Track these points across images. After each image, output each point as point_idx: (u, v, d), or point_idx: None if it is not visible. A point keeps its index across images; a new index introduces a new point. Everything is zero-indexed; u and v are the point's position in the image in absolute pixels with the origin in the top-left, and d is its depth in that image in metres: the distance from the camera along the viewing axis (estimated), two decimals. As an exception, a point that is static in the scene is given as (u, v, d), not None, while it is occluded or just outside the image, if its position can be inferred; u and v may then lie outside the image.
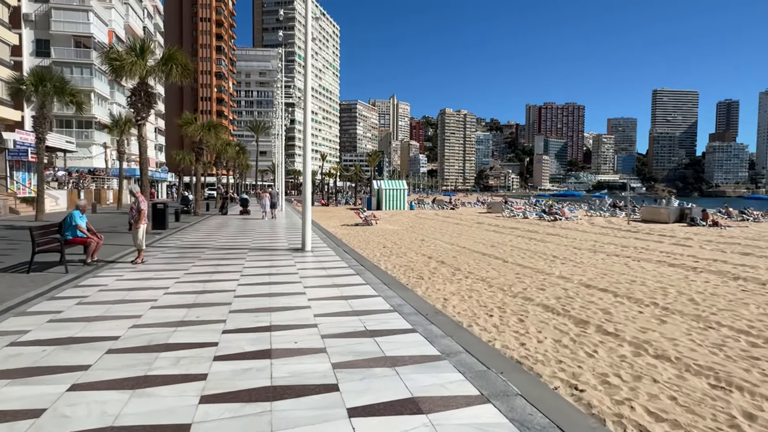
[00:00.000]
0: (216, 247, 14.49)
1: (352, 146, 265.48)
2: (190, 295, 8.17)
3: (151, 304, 7.56)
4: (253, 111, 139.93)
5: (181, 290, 8.52)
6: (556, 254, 16.47)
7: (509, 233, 24.15)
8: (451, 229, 27.06)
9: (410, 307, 7.70)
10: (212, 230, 20.75)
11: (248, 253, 13.05)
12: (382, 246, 18.94)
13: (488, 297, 10.10)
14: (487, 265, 14.34)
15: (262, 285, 9.12)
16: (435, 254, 16.46)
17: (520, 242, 20.22)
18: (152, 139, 77.96)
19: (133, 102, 16.66)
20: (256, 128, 79.11)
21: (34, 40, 52.33)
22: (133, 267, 10.47)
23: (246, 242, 16.07)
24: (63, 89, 20.85)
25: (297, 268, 10.80)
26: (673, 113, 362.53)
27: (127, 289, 8.62)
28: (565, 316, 8.48)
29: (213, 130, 29.27)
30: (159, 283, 9.12)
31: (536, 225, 29.29)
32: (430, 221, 34.01)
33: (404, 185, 53.90)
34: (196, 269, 10.61)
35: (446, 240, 21.08)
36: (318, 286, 9.25)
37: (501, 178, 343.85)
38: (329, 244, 15.51)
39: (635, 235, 23.03)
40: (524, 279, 12.05)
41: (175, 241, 16.02)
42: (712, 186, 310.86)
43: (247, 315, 6.96)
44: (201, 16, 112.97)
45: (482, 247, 18.46)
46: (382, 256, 16.09)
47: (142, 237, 10.86)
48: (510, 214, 37.27)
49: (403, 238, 21.63)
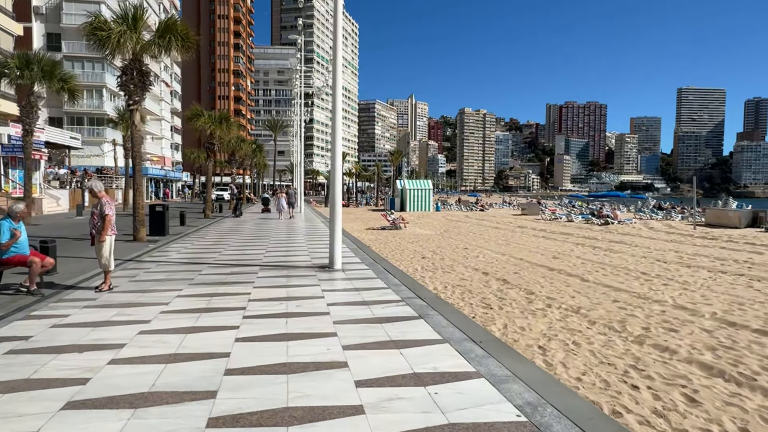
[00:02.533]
0: (219, 262, 11.44)
1: (370, 146, 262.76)
2: (151, 365, 4.75)
3: (74, 393, 4.14)
4: (271, 110, 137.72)
5: (140, 353, 5.08)
6: (643, 270, 13.18)
7: (564, 240, 20.84)
8: (492, 234, 23.83)
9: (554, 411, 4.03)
10: (220, 236, 17.80)
11: (259, 273, 9.98)
12: (420, 256, 15.85)
13: (602, 344, 6.96)
14: (564, 285, 11.16)
15: (274, 342, 5.51)
16: (489, 268, 13.32)
17: (586, 252, 16.92)
18: (168, 138, 76.04)
19: (124, 83, 13.79)
20: (274, 127, 76.56)
21: (45, 33, 50.40)
22: (93, 298, 7.45)
23: (258, 254, 13.02)
24: (52, 73, 18.18)
25: (326, 303, 7.39)
26: (699, 112, 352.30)
27: (55, 349, 5.20)
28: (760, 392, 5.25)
29: (225, 123, 26.44)
30: (114, 333, 5.76)
31: (587, 230, 25.86)
32: (464, 224, 30.79)
33: (429, 185, 50.69)
34: (180, 303, 7.31)
35: (493, 248, 17.89)
36: (365, 344, 5.53)
37: (521, 179, 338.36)
38: (361, 257, 12.39)
39: (716, 242, 19.55)
40: (631, 310, 8.88)
41: (172, 253, 13.06)
42: (740, 186, 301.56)
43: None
44: (219, 13, 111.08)
45: (543, 259, 15.24)
46: (425, 270, 13.01)
47: (108, 254, 7.73)
48: (551, 216, 33.79)
49: (442, 246, 18.49)
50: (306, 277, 9.39)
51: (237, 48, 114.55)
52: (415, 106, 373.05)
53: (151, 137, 67.57)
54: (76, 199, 29.44)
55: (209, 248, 14.26)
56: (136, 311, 6.75)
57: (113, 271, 8.12)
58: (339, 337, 5.53)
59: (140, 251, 13.08)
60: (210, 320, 6.27)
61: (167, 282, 8.82)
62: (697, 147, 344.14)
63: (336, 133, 10.50)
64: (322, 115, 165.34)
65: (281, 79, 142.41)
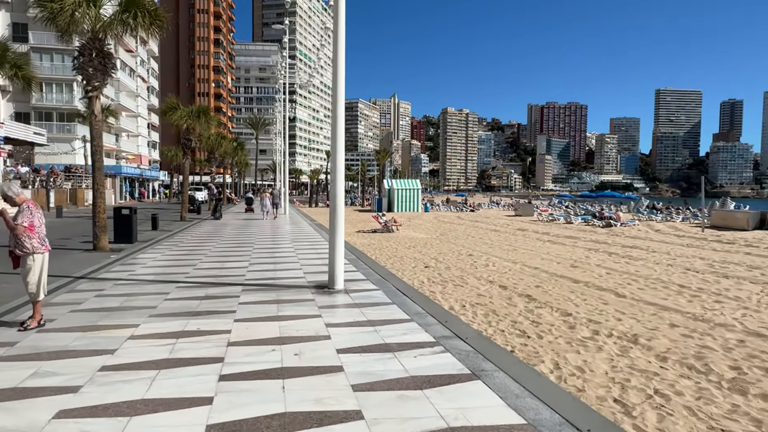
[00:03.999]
0: (192, 280, 9.44)
1: (353, 145, 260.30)
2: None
3: None
4: (252, 108, 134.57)
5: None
6: (680, 282, 11.60)
7: (572, 245, 19.28)
8: (493, 237, 22.19)
9: None
10: (197, 243, 15.70)
11: (241, 296, 7.87)
12: (422, 264, 14.12)
13: (695, 395, 5.34)
14: (600, 302, 9.54)
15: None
16: (506, 281, 11.64)
17: (604, 260, 15.34)
18: (145, 135, 73.02)
19: (82, 65, 11.58)
20: (256, 125, 74.10)
21: (11, 23, 47.33)
22: (11, 341, 5.38)
23: (240, 268, 11.03)
24: (3, 58, 15.89)
25: (335, 348, 5.31)
26: (677, 113, 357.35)
27: None
28: None
29: (203, 118, 24.23)
30: (15, 417, 3.68)
31: (591, 232, 24.37)
32: (458, 226, 29.14)
33: (418, 185, 49.02)
34: (132, 350, 5.18)
35: (500, 255, 16.22)
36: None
37: (503, 178, 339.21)
38: (364, 272, 10.47)
39: (734, 246, 18.17)
40: (699, 338, 7.29)
41: (137, 266, 10.98)
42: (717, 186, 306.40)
43: None
44: (198, 8, 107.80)
45: (561, 268, 13.62)
46: (433, 283, 11.27)
47: (37, 280, 5.70)
48: (549, 218, 32.31)
49: (443, 252, 16.75)
50: (302, 304, 7.42)
51: (217, 44, 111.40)
52: (398, 106, 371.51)
53: (126, 135, 64.59)
54: (40, 200, 26.99)
55: (182, 259, 12.19)
56: (63, 367, 4.70)
57: (43, 300, 6.00)
58: (367, 422, 3.62)
59: (98, 264, 10.97)
60: (170, 385, 4.30)
61: (121, 313, 6.79)
62: (674, 147, 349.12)
63: (338, 129, 8.65)
64: (304, 113, 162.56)
65: (263, 77, 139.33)
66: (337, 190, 8.29)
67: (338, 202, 8.28)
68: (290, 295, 8.03)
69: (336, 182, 8.31)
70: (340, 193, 8.32)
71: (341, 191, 8.31)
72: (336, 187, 8.31)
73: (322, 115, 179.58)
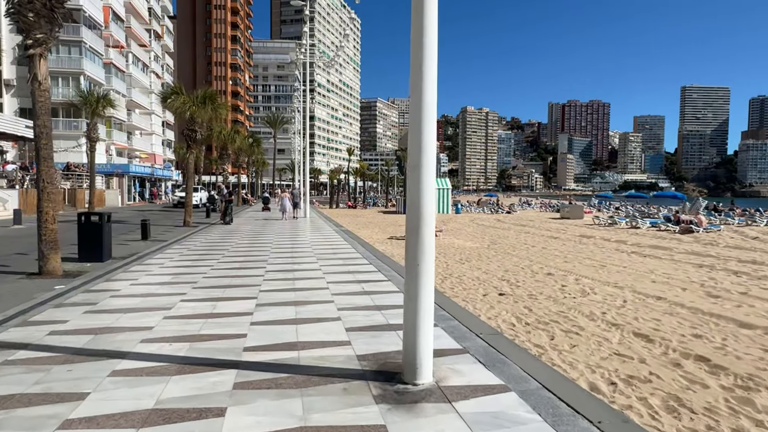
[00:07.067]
0: (152, 353, 5.62)
1: (372, 145, 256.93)
2: None
3: None
4: (270, 106, 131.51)
5: None
6: None
7: (669, 258, 15.22)
8: (558, 246, 18.19)
9: None
10: (190, 263, 11.50)
11: (230, 409, 3.81)
12: (494, 290, 10.28)
13: None
14: None
15: None
16: (641, 325, 7.77)
17: (738, 282, 11.31)
18: (159, 134, 70.23)
19: (17, 8, 8.11)
20: (274, 123, 70.69)
21: (15, 14, 44.60)
22: None
23: (241, 315, 6.84)
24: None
25: None
26: (703, 110, 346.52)
27: None
28: None
29: (209, 103, 20.44)
30: None
31: (676, 240, 20.19)
32: (504, 231, 25.18)
33: (448, 184, 45.13)
34: None
35: (591, 274, 12.26)
36: None
37: (524, 178, 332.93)
38: (448, 325, 6.61)
39: None
40: None
41: (83, 308, 7.08)
42: (746, 186, 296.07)
43: None
44: (215, 3, 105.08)
45: (697, 299, 9.70)
46: (527, 327, 7.37)
47: None
48: (608, 221, 28.07)
49: (509, 269, 12.81)
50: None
51: (235, 40, 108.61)
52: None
53: (140, 132, 61.79)
54: (29, 201, 23.76)
55: (158, 295, 8.08)
56: None
57: None
58: None
59: (23, 303, 7.16)
60: None
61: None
62: (701, 146, 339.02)
63: (426, 107, 4.72)
64: (323, 112, 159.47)
65: (281, 74, 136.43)
66: (425, 210, 4.26)
67: (425, 219, 4.33)
68: (327, 404, 4.00)
69: (423, 192, 4.28)
70: (428, 215, 4.27)
71: (432, 214, 4.26)
72: (423, 202, 4.28)
73: (341, 114, 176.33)
